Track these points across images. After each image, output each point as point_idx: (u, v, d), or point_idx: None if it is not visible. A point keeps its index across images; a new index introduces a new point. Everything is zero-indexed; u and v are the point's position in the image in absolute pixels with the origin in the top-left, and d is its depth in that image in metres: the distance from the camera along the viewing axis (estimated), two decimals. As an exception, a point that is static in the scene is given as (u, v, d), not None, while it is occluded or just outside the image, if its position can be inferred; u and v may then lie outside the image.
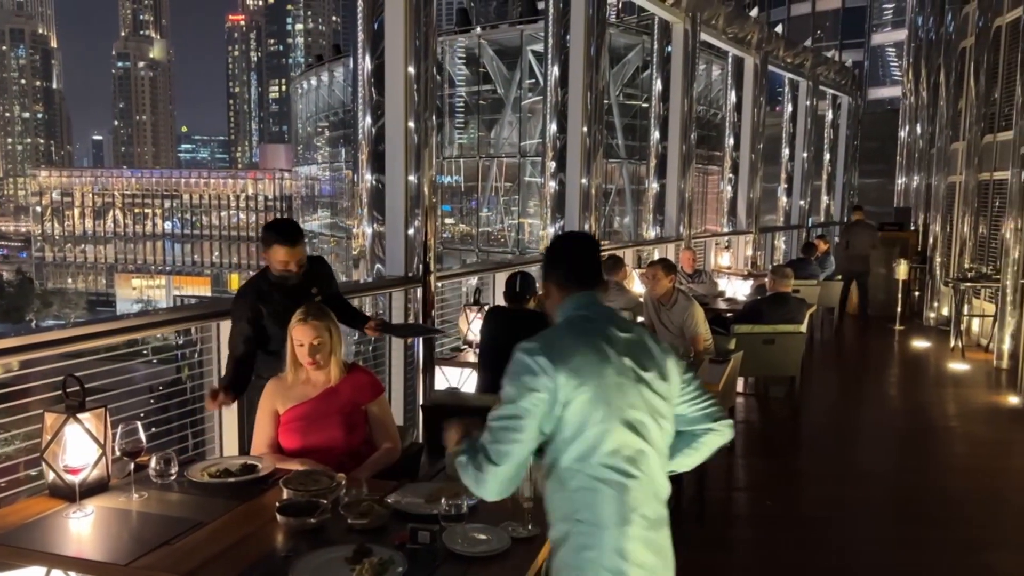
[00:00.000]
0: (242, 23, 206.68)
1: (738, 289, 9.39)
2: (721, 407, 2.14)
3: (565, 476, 1.93)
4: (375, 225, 5.15)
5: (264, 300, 3.53)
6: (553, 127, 7.46)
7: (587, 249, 2.16)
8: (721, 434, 2.11)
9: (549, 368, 1.89)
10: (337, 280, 3.98)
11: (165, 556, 2.18)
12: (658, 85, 10.08)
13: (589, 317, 2.02)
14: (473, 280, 6.39)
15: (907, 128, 15.14)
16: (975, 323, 10.15)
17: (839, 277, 11.38)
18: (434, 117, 5.19)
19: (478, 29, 31.63)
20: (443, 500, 2.30)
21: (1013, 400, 7.32)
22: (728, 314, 7.42)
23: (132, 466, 2.60)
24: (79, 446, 2.52)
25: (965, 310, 9.83)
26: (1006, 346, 8.49)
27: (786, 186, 15.62)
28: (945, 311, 11.14)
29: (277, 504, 2.38)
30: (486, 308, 5.08)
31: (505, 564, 2.15)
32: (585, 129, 7.49)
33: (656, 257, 8.85)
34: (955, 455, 6.14)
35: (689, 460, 2.12)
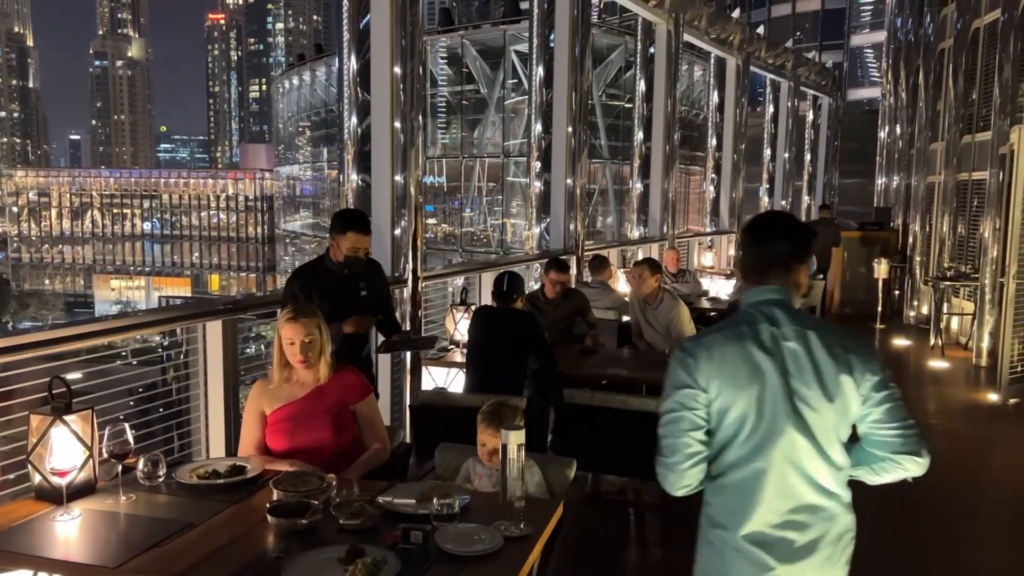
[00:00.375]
0: (222, 22, 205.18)
1: (721, 288, 9.44)
2: (916, 438, 1.95)
3: (714, 475, 1.97)
4: (361, 225, 5.13)
5: (318, 281, 3.83)
6: (538, 127, 7.47)
7: (772, 235, 2.01)
8: (902, 468, 1.96)
9: (695, 368, 1.92)
10: (387, 289, 4.32)
11: (155, 559, 2.16)
12: (641, 85, 10.13)
13: (753, 317, 1.94)
14: (459, 280, 6.39)
15: (887, 129, 15.29)
16: (954, 321, 10.27)
17: (821, 276, 11.48)
18: (420, 117, 5.18)
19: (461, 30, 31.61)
20: (435, 500, 2.30)
21: (992, 397, 7.41)
22: (712, 313, 7.46)
23: (119, 468, 2.57)
24: (66, 448, 2.50)
25: (944, 309, 9.94)
26: (985, 344, 8.60)
27: (768, 186, 15.75)
28: (925, 310, 11.26)
29: (268, 505, 2.37)
30: (473, 308, 5.08)
31: (497, 563, 2.15)
32: (570, 129, 7.51)
33: (640, 257, 8.89)
34: (935, 452, 6.18)
35: (870, 478, 2.04)
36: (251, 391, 3.16)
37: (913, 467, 1.96)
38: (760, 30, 14.77)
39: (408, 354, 5.08)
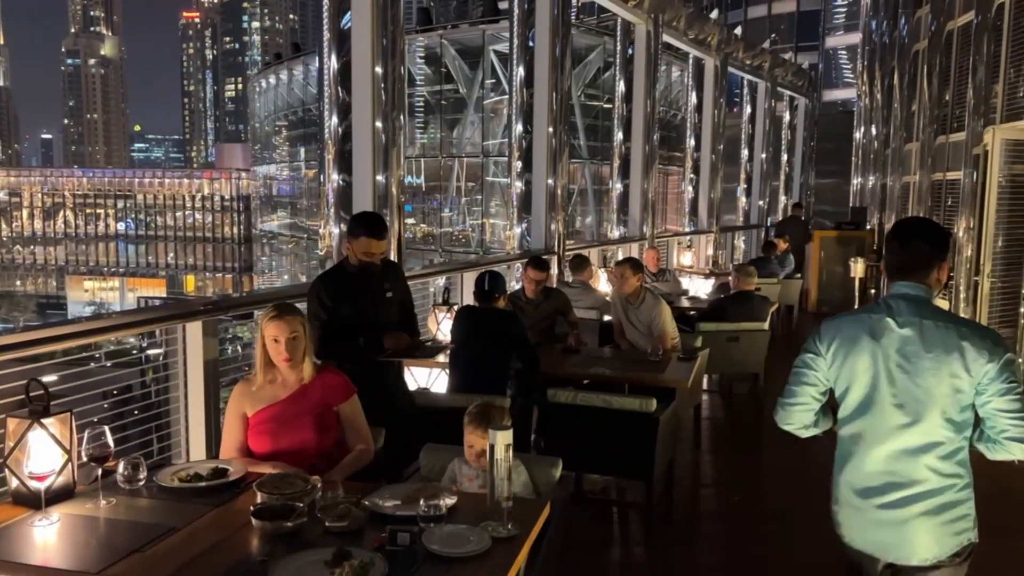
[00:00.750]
0: (197, 20, 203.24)
1: (700, 288, 9.50)
2: (1018, 424, 2.19)
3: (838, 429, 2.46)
4: (342, 225, 5.10)
5: (340, 286, 3.75)
6: (519, 127, 7.47)
7: (912, 237, 2.34)
8: (1008, 451, 2.24)
9: (820, 339, 2.41)
10: (410, 296, 4.16)
11: (137, 564, 2.13)
12: (621, 86, 10.16)
13: (879, 307, 2.33)
14: (441, 280, 6.37)
15: (862, 129, 15.48)
16: (929, 320, 10.39)
17: (798, 275, 11.59)
18: (401, 117, 5.15)
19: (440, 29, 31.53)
20: (421, 501, 2.29)
21: (967, 394, 7.50)
22: (691, 312, 7.50)
23: (99, 472, 2.53)
24: (44, 452, 2.45)
25: (919, 307, 10.07)
26: (959, 342, 8.70)
27: (745, 186, 15.87)
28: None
29: (252, 508, 2.34)
30: (455, 308, 5.06)
31: (485, 564, 2.14)
32: (551, 130, 7.51)
33: (621, 256, 8.92)
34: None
35: (987, 454, 2.32)
36: (232, 392, 3.12)
37: (1019, 452, 2.23)
38: (737, 31, 14.87)
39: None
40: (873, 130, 14.01)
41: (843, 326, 2.35)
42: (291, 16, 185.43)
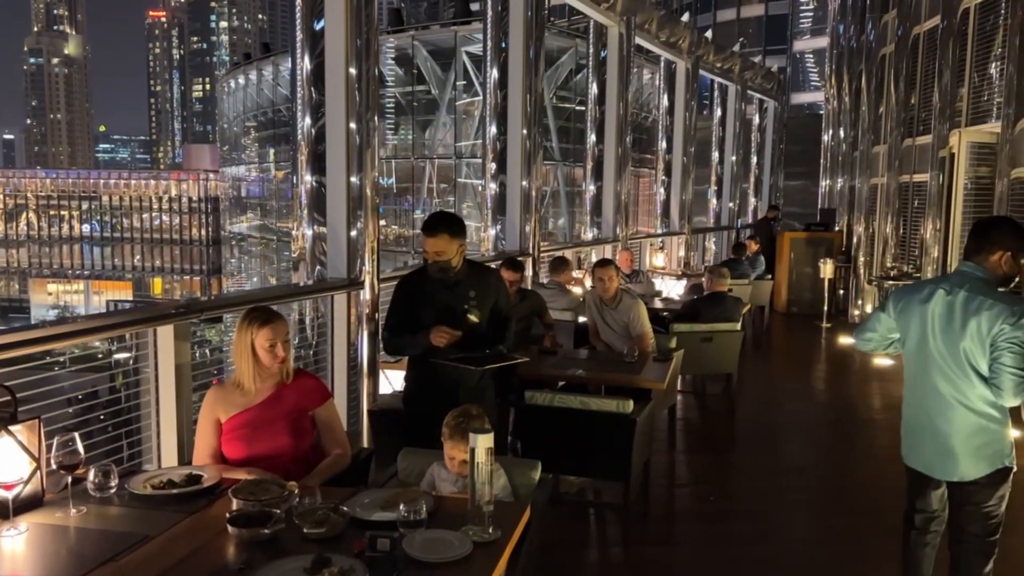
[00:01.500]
0: (163, 19, 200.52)
1: (672, 289, 9.56)
2: (1013, 378, 2.76)
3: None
4: (316, 227, 5.05)
5: (419, 287, 3.70)
6: (493, 129, 7.45)
7: (973, 227, 3.01)
8: (998, 394, 2.81)
9: (890, 298, 3.11)
10: (505, 303, 3.88)
11: (110, 574, 2.08)
12: (594, 88, 10.19)
13: (939, 279, 3.01)
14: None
15: (830, 132, 15.68)
16: (897, 320, 10.55)
17: (769, 276, 11.71)
18: (375, 118, 5.11)
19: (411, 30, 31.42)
20: (401, 506, 2.26)
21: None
22: (664, 313, 7.55)
23: (69, 480, 2.47)
24: (11, 460, 2.39)
25: (888, 307, 10.22)
26: (926, 341, 8.84)
27: (716, 188, 16.01)
28: (869, 308, 11.57)
29: (227, 515, 2.29)
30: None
31: (467, 569, 2.12)
32: (525, 131, 7.51)
33: (594, 258, 8.94)
34: (881, 446, 6.37)
35: (998, 400, 2.86)
36: (205, 398, 3.07)
37: (1007, 398, 2.81)
38: (707, 35, 14.99)
39: (366, 356, 5.01)
40: (841, 133, 14.21)
41: (906, 292, 3.06)
42: (260, 16, 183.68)
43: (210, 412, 3.03)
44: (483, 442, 2.27)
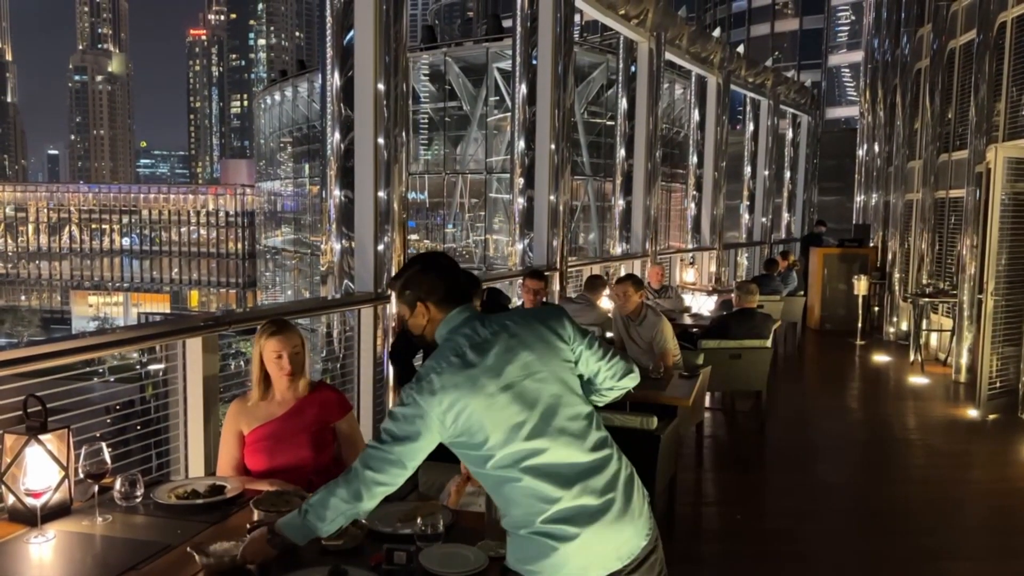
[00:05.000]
0: (203, 38, 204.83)
1: (703, 305, 9.48)
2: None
3: None
4: (344, 241, 5.11)
5: None
6: (521, 144, 7.48)
7: None
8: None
9: None
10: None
11: (132, 582, 2.11)
12: (623, 103, 10.20)
13: None
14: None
15: (865, 147, 15.48)
16: (933, 338, 10.37)
17: (801, 293, 11.57)
18: (404, 133, 5.16)
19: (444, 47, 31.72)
20: (419, 520, 2.26)
21: (972, 413, 7.48)
22: (694, 329, 7.49)
23: (96, 488, 2.51)
24: (40, 468, 2.44)
25: (923, 325, 10.04)
26: (964, 360, 8.68)
27: (748, 203, 15.88)
28: (904, 326, 11.37)
29: (248, 526, 2.32)
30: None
31: (483, 584, 2.12)
32: (553, 146, 7.53)
33: (623, 273, 8.91)
34: (915, 467, 6.25)
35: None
36: (228, 410, 3.11)
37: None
38: (740, 49, 14.92)
39: (391, 370, 5.03)
40: (876, 148, 14.03)
41: None
42: (297, 33, 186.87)
43: (233, 424, 3.07)
44: (500, 457, 2.27)
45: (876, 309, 12.72)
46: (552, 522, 1.97)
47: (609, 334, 6.27)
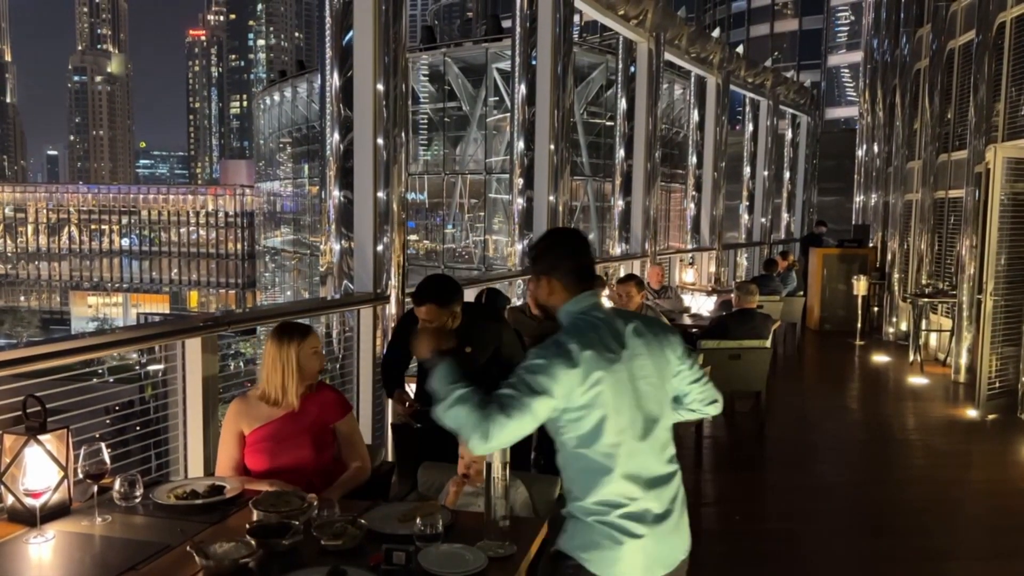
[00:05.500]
0: (203, 38, 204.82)
1: (702, 305, 9.48)
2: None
3: None
4: (343, 242, 5.11)
5: (415, 330, 3.70)
6: (520, 144, 7.48)
7: None
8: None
9: None
10: (510, 349, 3.84)
11: (131, 582, 2.11)
12: (623, 104, 10.20)
13: None
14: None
15: (864, 147, 15.49)
16: (933, 338, 10.37)
17: (800, 293, 11.57)
18: (403, 134, 5.16)
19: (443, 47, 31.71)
20: (418, 520, 2.27)
21: (971, 413, 7.48)
22: (693, 329, 7.49)
23: (95, 489, 2.52)
24: (40, 468, 2.45)
25: (923, 325, 10.04)
26: (963, 360, 8.68)
27: (748, 203, 15.89)
28: (904, 326, 11.37)
29: (247, 526, 2.32)
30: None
31: (482, 584, 2.12)
32: (552, 147, 7.53)
33: (622, 273, 8.91)
34: (915, 467, 6.25)
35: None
36: (229, 410, 3.12)
37: None
38: (739, 50, 14.92)
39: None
40: (875, 148, 14.03)
41: None
42: (296, 34, 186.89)
43: (234, 424, 3.08)
44: (499, 456, 2.27)
45: (876, 309, 12.72)
46: (626, 518, 2.06)
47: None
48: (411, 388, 4.75)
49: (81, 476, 2.50)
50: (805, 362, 10.88)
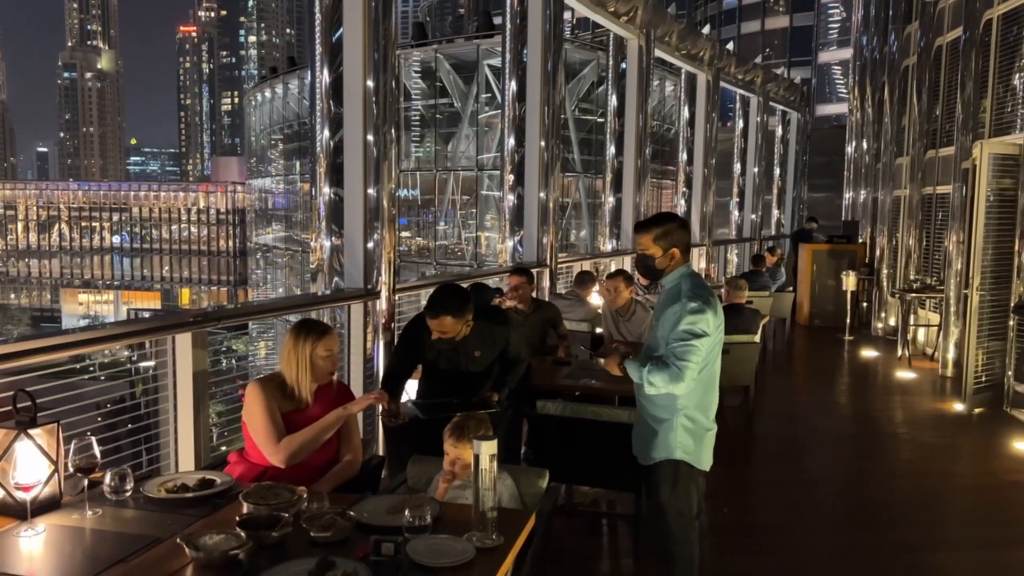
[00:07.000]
0: (193, 34, 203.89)
1: (693, 301, 9.51)
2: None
3: None
4: (333, 238, 5.12)
5: (422, 338, 3.76)
6: (511, 141, 7.51)
7: None
8: None
9: None
10: (516, 348, 4.05)
11: (121, 574, 2.13)
12: (613, 101, 10.22)
13: None
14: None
15: (854, 144, 15.56)
16: (921, 333, 10.45)
17: (790, 288, 11.63)
18: (393, 130, 5.18)
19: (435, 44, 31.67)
20: (406, 511, 2.29)
21: (958, 407, 7.55)
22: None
23: (86, 483, 2.53)
24: (30, 462, 2.46)
25: (911, 320, 10.12)
26: (950, 355, 8.76)
27: (738, 200, 15.94)
28: (892, 321, 11.45)
29: (237, 518, 2.34)
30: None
31: (469, 574, 2.15)
32: (543, 143, 7.56)
33: (613, 269, 8.94)
34: (902, 460, 6.31)
35: None
36: (254, 391, 3.05)
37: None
38: (730, 46, 14.98)
39: (381, 365, 5.06)
40: (864, 144, 14.10)
41: None
42: (287, 30, 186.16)
43: (271, 400, 3.05)
44: (486, 449, 2.30)
45: (864, 305, 12.80)
46: (711, 429, 3.25)
47: (599, 329, 6.31)
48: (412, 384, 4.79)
49: (72, 470, 2.52)
50: (794, 357, 10.94)
